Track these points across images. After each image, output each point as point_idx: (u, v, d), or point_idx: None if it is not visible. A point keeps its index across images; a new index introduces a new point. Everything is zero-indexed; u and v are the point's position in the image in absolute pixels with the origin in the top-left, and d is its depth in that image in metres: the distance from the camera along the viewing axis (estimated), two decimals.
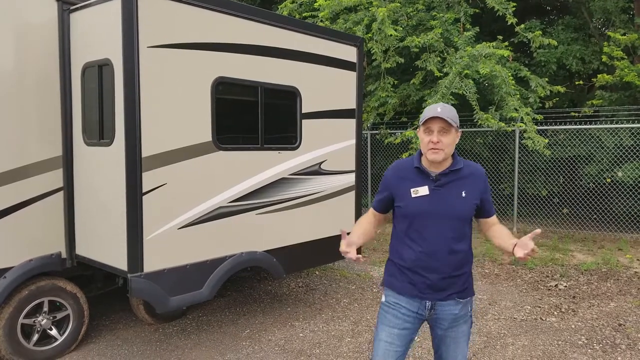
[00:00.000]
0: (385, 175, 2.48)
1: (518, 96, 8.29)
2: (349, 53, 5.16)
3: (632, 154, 8.35)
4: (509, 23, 8.66)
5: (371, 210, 2.54)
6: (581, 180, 9.00)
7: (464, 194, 2.32)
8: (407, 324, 2.37)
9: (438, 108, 2.24)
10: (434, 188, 2.30)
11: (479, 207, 2.38)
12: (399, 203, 2.37)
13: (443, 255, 2.30)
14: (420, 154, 2.39)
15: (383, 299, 2.47)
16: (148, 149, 3.55)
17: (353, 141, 5.23)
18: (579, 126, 8.68)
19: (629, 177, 8.24)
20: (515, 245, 2.24)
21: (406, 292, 2.36)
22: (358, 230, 2.50)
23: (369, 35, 8.90)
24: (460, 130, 2.35)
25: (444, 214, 2.29)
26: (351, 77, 5.21)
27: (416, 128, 8.54)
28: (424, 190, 2.31)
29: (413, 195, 2.31)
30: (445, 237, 2.29)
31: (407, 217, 2.34)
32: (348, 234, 2.41)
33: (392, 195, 2.41)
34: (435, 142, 2.24)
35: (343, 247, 2.32)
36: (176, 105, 3.72)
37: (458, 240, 2.31)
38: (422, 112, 2.40)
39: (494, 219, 2.47)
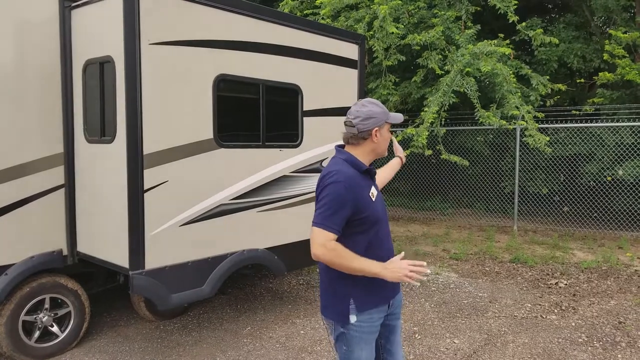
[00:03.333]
0: (341, 189, 2.06)
1: (519, 94, 8.28)
2: (350, 51, 5.16)
3: (632, 152, 8.35)
4: (510, 21, 8.64)
5: (333, 237, 2.06)
6: (582, 179, 9.00)
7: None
8: (378, 330, 2.31)
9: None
10: (375, 185, 2.29)
11: None
12: (365, 213, 2.12)
13: (391, 247, 2.30)
14: (356, 157, 2.22)
15: (353, 320, 2.17)
16: (149, 147, 3.55)
17: None
18: (580, 124, 8.68)
19: (629, 175, 8.25)
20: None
21: (381, 301, 2.24)
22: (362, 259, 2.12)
23: (371, 32, 8.90)
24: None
25: (384, 208, 2.31)
26: (352, 74, 5.21)
27: (417, 126, 8.55)
28: (374, 191, 2.23)
29: (373, 199, 2.19)
30: (388, 229, 2.33)
31: (374, 223, 2.16)
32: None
33: (354, 209, 2.10)
34: None
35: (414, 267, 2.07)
36: (178, 102, 3.72)
37: None
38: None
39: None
